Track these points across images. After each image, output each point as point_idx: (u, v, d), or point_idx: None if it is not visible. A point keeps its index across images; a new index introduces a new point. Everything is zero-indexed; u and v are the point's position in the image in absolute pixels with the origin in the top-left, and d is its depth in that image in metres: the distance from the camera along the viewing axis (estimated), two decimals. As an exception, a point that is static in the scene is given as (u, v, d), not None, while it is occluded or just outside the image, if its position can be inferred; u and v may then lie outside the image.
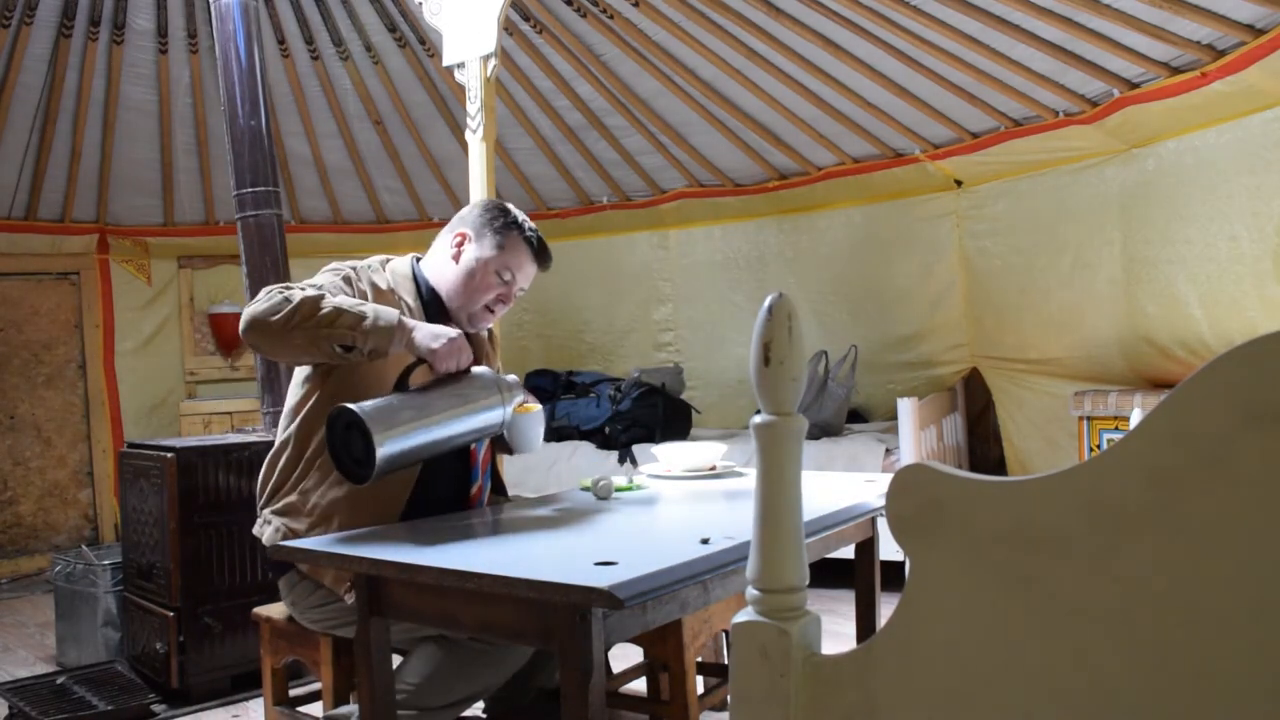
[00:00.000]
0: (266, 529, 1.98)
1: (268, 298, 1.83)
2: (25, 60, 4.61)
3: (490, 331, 2.28)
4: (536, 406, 2.05)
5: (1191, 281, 3.70)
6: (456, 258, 2.06)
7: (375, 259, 2.14)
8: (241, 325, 1.84)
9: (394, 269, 2.11)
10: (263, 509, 2.02)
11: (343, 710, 1.97)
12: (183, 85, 5.00)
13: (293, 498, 1.96)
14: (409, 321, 1.86)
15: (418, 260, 2.16)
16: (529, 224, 2.10)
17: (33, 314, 5.50)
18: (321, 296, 1.82)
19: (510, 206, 2.12)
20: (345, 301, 1.84)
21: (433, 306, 2.08)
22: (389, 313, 1.84)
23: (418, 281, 2.10)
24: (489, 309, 2.07)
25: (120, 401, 5.66)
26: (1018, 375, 4.61)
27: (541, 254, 2.09)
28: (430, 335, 1.85)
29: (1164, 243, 3.81)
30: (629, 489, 2.22)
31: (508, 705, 2.13)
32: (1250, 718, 0.66)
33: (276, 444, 2.03)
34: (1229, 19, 3.22)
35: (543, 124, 5.34)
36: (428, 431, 1.78)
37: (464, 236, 2.06)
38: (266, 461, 2.05)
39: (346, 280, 2.00)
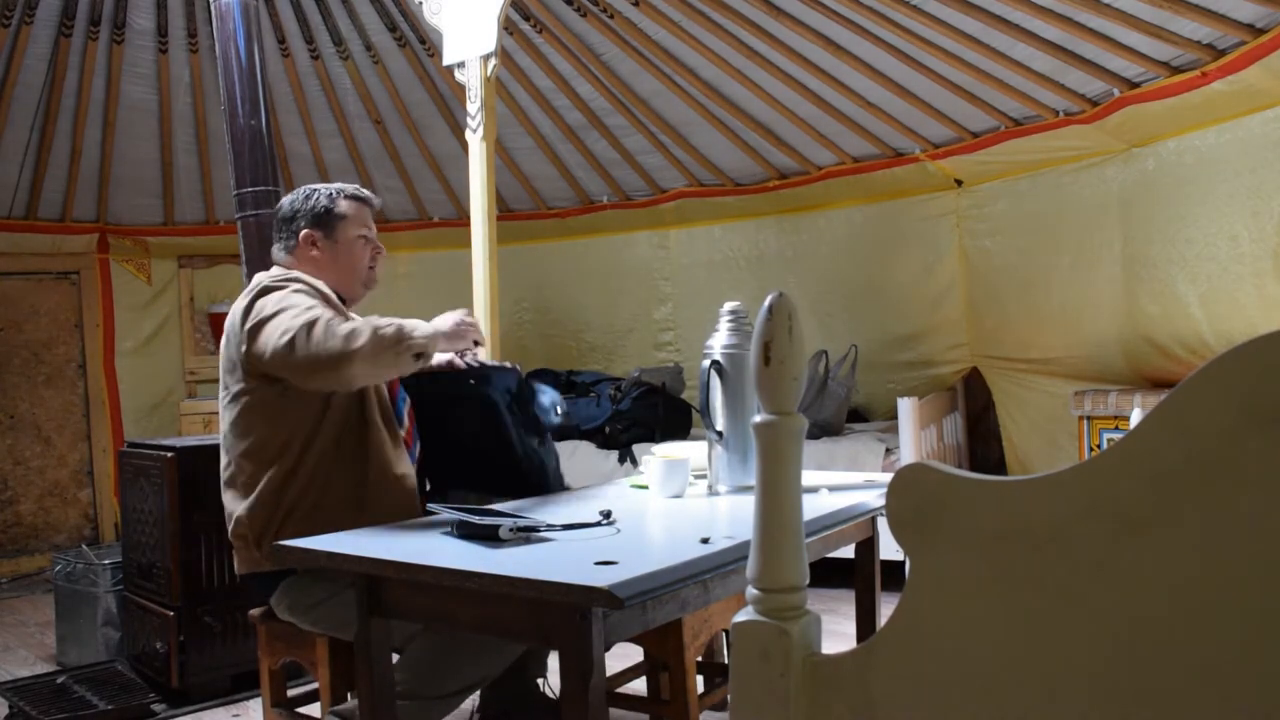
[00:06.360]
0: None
1: (329, 333, 1.86)
2: (25, 60, 4.60)
3: None
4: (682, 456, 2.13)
5: (1191, 281, 3.69)
6: (323, 255, 2.20)
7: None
8: (329, 361, 1.85)
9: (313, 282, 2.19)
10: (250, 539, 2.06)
11: (343, 708, 1.97)
12: (183, 85, 5.00)
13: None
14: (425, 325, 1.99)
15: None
16: (334, 187, 2.25)
17: (33, 314, 5.49)
18: (380, 326, 1.90)
19: (310, 188, 2.25)
20: (391, 323, 1.92)
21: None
22: (416, 322, 1.97)
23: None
24: (371, 268, 2.27)
25: (120, 401, 5.66)
26: (1018, 375, 4.61)
27: (365, 199, 2.27)
28: (445, 331, 2.02)
29: (1164, 242, 3.81)
30: None
31: (503, 704, 2.13)
32: (1250, 717, 0.66)
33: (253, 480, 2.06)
34: (1229, 19, 3.21)
35: (543, 123, 5.34)
36: None
37: (311, 235, 2.19)
38: (255, 498, 2.05)
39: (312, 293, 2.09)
